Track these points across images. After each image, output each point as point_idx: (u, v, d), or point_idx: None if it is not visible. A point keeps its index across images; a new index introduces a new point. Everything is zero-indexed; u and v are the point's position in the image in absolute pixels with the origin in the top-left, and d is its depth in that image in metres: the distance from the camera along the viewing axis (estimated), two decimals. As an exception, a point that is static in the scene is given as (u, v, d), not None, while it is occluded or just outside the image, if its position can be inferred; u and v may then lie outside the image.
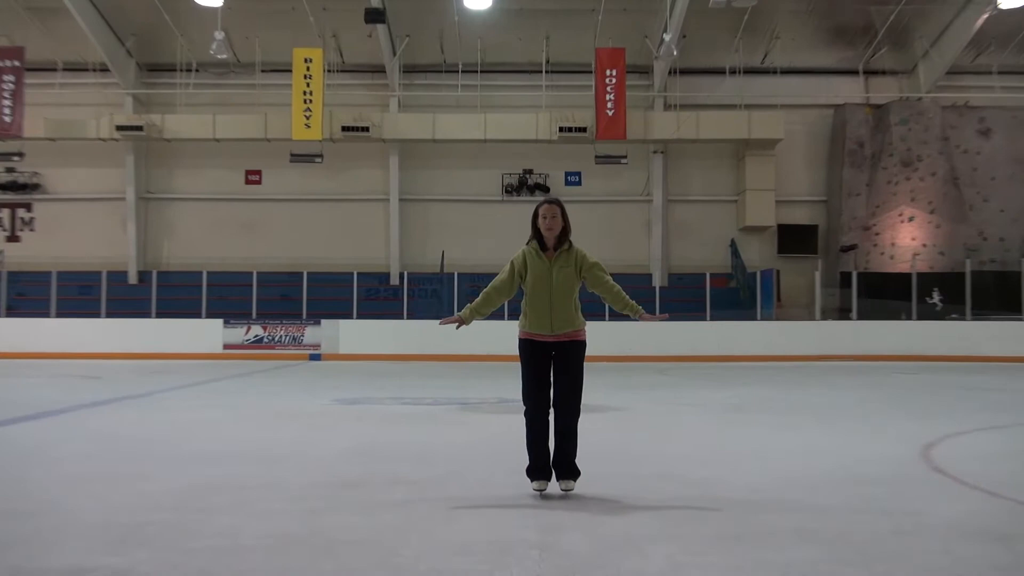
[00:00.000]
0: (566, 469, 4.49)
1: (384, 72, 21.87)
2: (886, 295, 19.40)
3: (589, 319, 4.85)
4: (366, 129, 20.86)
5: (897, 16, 20.96)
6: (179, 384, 11.98)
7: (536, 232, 4.57)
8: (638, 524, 3.88)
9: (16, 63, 20.39)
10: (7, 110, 20.39)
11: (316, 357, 18.29)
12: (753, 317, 19.33)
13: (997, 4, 19.72)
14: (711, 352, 17.96)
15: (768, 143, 21.58)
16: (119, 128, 20.91)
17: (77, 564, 3.26)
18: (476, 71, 21.71)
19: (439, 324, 4.87)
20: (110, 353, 17.85)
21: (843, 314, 19.59)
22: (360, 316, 19.11)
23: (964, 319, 18.74)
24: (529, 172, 22.37)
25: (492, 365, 16.27)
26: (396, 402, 9.58)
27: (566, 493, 4.48)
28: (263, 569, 3.22)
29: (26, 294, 20.49)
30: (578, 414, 4.49)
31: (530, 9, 20.88)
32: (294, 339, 18.50)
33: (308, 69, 20.25)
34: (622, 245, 22.07)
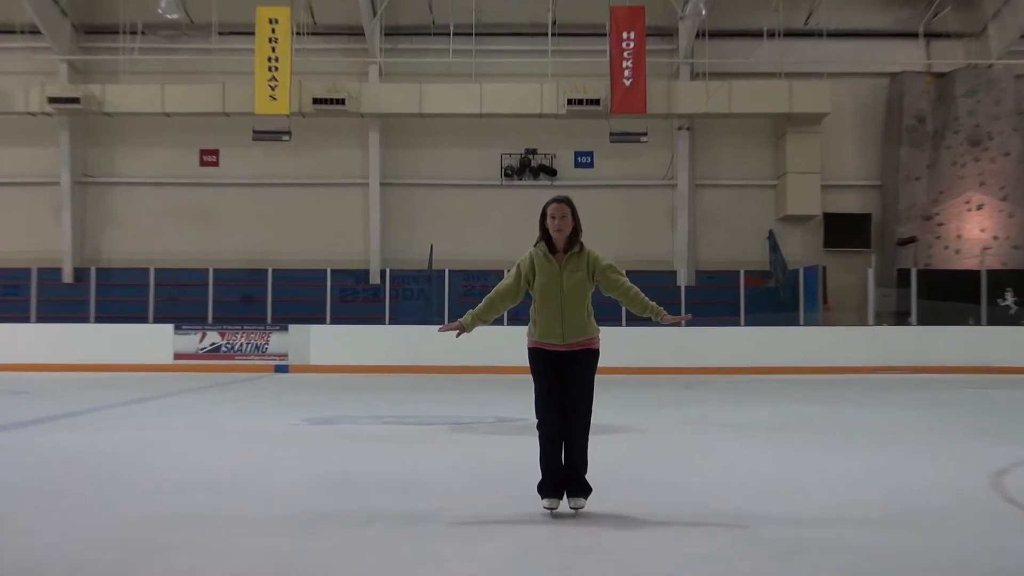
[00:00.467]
0: (576, 486, 4.77)
1: (363, 35, 21.85)
2: (951, 296, 19.38)
3: (602, 323, 4.91)
4: (342, 102, 20.86)
5: (963, -31, 20.99)
6: (122, 400, 11.95)
7: (544, 233, 4.80)
8: (658, 566, 3.88)
9: (-69, 24, 20.41)
10: (-79, 79, 20.41)
11: (283, 369, 18.29)
12: (795, 322, 19.31)
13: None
14: (745, 363, 17.96)
15: (812, 118, 21.57)
16: (52, 100, 20.90)
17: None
18: (470, 34, 21.69)
19: (439, 331, 5.07)
20: (41, 364, 17.83)
21: (900, 318, 19.57)
22: (335, 320, 19.11)
23: (1042, 324, 18.75)
24: (532, 152, 22.37)
25: (489, 378, 16.26)
26: (377, 421, 9.57)
27: (576, 512, 4.73)
28: (222, 618, 3.23)
29: (-57, 295, 20.53)
30: (588, 426, 4.80)
31: (533, -39, 20.98)
32: (257, 348, 18.50)
33: (273, 31, 20.25)
34: (641, 238, 22.07)
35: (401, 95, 21.36)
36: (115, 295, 20.27)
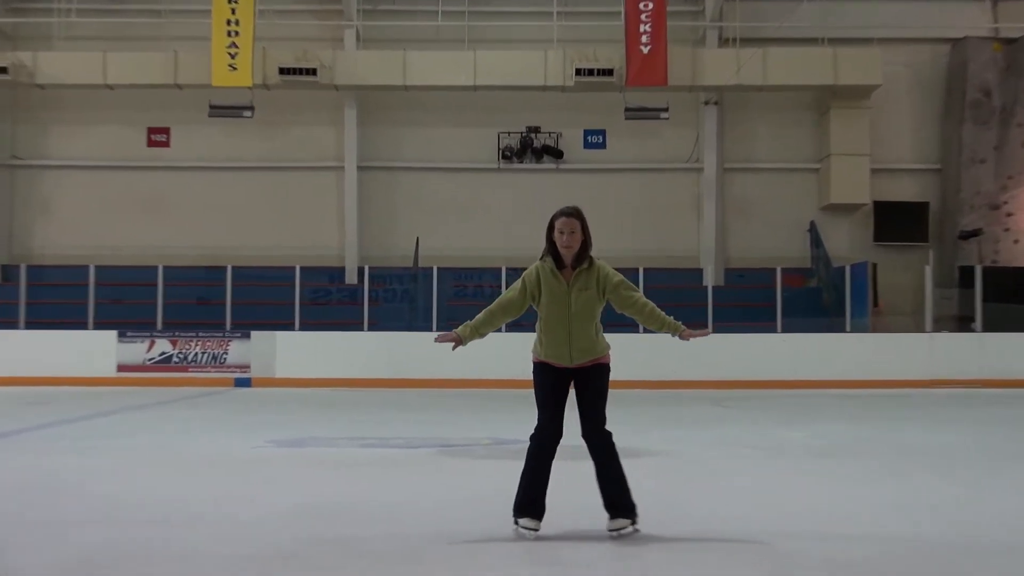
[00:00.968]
0: (623, 506, 5.06)
1: (337, -6, 21.91)
2: (1022, 298, 19.36)
3: (619, 331, 4.95)
4: (313, 72, 20.83)
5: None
6: (56, 420, 11.91)
7: (551, 247, 5.12)
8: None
9: None
10: None
11: (244, 382, 18.28)
12: (841, 328, 19.30)
13: None
14: (783, 375, 17.95)
15: (861, 91, 21.56)
16: (-26, 70, 20.90)
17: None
18: (463, -7, 21.79)
19: (435, 340, 5.30)
20: (-37, 377, 17.83)
21: (963, 324, 19.54)
22: (305, 326, 19.09)
23: None
24: (535, 131, 22.35)
25: (484, 394, 16.24)
26: (354, 444, 9.55)
27: (620, 534, 5.02)
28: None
29: None
30: (605, 421, 5.16)
31: (536, -92, 20.99)
32: (214, 358, 18.48)
33: (233, -10, 20.24)
34: (662, 230, 22.06)
35: (382, 64, 21.33)
36: (48, 297, 20.25)
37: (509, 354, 16.43)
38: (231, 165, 22.44)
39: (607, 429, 5.13)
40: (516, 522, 5.08)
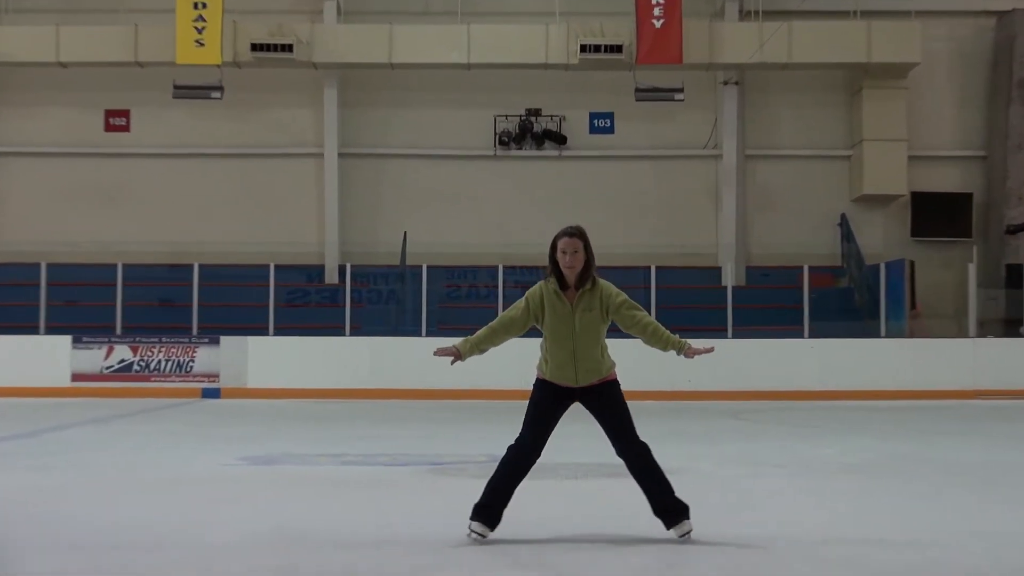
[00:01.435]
0: (675, 509, 5.66)
1: (315, -38, 21.91)
2: (1076, 299, 19.41)
3: (627, 335, 5.02)
4: (289, 48, 20.82)
5: None
6: (3, 435, 11.88)
7: (554, 267, 5.61)
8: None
9: None
10: None
11: (213, 393, 18.27)
12: (875, 333, 19.30)
13: None
14: (810, 386, 17.96)
15: (897, 69, 21.57)
16: (-88, 47, 20.91)
17: None
18: (455, -40, 21.79)
19: (434, 353, 5.77)
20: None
21: (1010, 328, 19.55)
22: (280, 331, 19.08)
23: None
24: (535, 114, 22.36)
25: (479, 406, 16.24)
26: (334, 461, 9.55)
27: (684, 538, 5.60)
28: None
29: None
30: (648, 447, 5.70)
31: None
32: (179, 366, 18.47)
33: (200, -43, 20.25)
34: (676, 224, 22.07)
35: (365, 40, 21.32)
36: (-5, 298, 20.24)
37: (507, 362, 16.43)
38: (198, 152, 22.44)
39: (642, 441, 5.65)
40: (470, 521, 5.60)
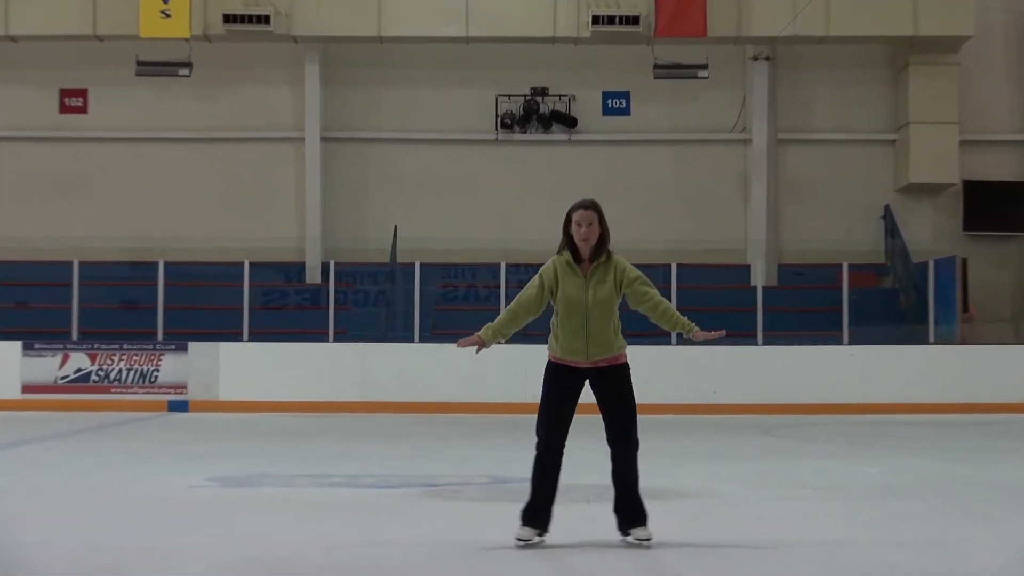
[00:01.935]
0: (637, 514, 6.15)
1: (296, -77, 21.92)
2: None
3: (648, 342, 5.05)
4: (266, 19, 20.77)
5: None
6: (-51, 452, 11.95)
7: (568, 240, 6.17)
8: None
9: None
10: None
11: (180, 406, 18.26)
12: (923, 339, 19.24)
13: None
14: (850, 398, 17.91)
15: (948, 43, 21.49)
16: None
17: None
18: (452, -79, 21.78)
19: (456, 346, 6.29)
20: None
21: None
22: (255, 336, 19.05)
23: None
24: (542, 93, 22.34)
25: (478, 420, 16.23)
26: (316, 483, 9.54)
27: (642, 543, 6.03)
28: None
29: None
30: (637, 446, 6.18)
31: None
32: (143, 376, 18.47)
33: (167, -82, 20.26)
34: (700, 216, 22.02)
35: (351, 10, 21.26)
36: (-62, 300, 20.25)
37: (508, 373, 16.59)
38: (164, 136, 22.39)
39: (634, 440, 6.11)
40: (517, 529, 6.14)
